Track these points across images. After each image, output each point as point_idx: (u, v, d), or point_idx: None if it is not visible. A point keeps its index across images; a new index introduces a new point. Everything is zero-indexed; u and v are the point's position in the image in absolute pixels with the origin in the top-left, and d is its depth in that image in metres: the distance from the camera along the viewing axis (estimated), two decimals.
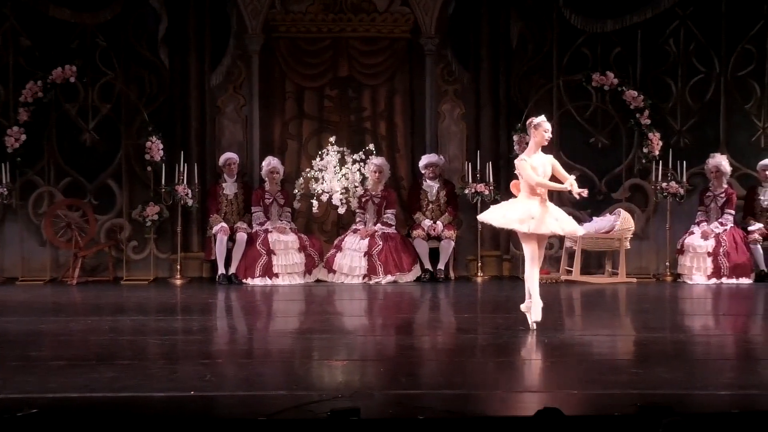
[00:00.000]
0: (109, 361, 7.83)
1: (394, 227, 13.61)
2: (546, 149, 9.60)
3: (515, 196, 9.55)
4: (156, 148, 13.53)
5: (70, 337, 9.21)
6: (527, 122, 9.70)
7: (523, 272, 9.52)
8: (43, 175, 13.96)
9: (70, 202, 13.87)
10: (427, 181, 13.75)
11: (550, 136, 9.47)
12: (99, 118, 13.98)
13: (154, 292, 12.62)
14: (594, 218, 13.66)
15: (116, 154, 14.01)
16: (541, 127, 9.40)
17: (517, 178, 9.50)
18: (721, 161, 13.52)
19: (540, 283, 12.98)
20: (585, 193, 9.32)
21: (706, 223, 13.43)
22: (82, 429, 5.82)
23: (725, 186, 13.55)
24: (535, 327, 9.23)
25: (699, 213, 13.58)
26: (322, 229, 14.23)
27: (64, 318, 10.48)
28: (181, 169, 13.30)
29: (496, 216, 9.50)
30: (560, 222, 9.33)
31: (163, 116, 13.93)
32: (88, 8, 13.82)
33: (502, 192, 13.68)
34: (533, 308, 9.32)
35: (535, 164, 9.31)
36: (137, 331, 9.58)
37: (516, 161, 9.53)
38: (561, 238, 13.70)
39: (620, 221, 13.25)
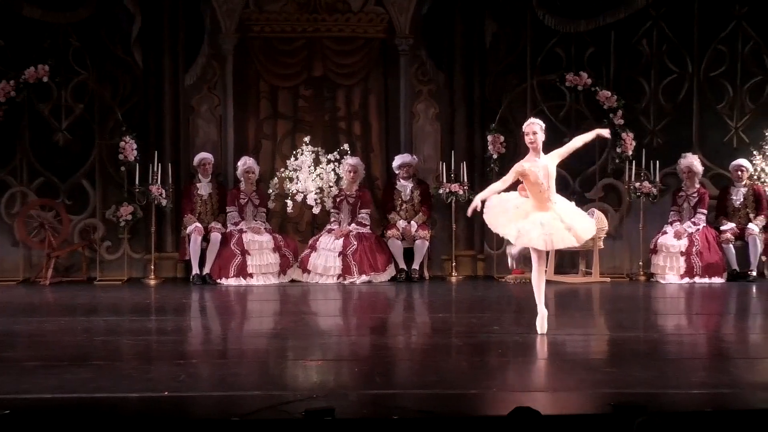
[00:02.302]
0: (83, 362, 7.80)
1: (368, 227, 13.62)
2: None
3: (526, 197, 9.18)
4: (130, 148, 13.48)
5: (44, 337, 9.17)
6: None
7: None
8: (16, 175, 13.89)
9: (43, 202, 13.80)
10: (402, 181, 13.76)
11: (532, 139, 9.06)
12: (72, 117, 13.92)
13: (128, 293, 12.57)
14: None
15: (90, 154, 13.95)
16: (523, 131, 9.11)
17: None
18: (693, 161, 13.59)
19: (514, 282, 13.18)
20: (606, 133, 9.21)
21: (679, 223, 13.50)
22: (56, 430, 5.80)
23: (698, 186, 13.62)
24: (541, 332, 8.99)
25: (672, 213, 13.65)
26: (296, 229, 14.22)
27: (37, 318, 10.43)
28: (155, 169, 13.26)
29: (506, 227, 9.05)
30: (573, 229, 8.95)
31: (136, 116, 13.88)
32: (61, 8, 13.76)
33: (476, 193, 13.74)
34: (538, 319, 9.05)
35: (534, 169, 8.95)
36: (111, 332, 9.54)
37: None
38: None
39: (594, 221, 13.27)
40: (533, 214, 8.98)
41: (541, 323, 9.02)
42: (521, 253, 9.63)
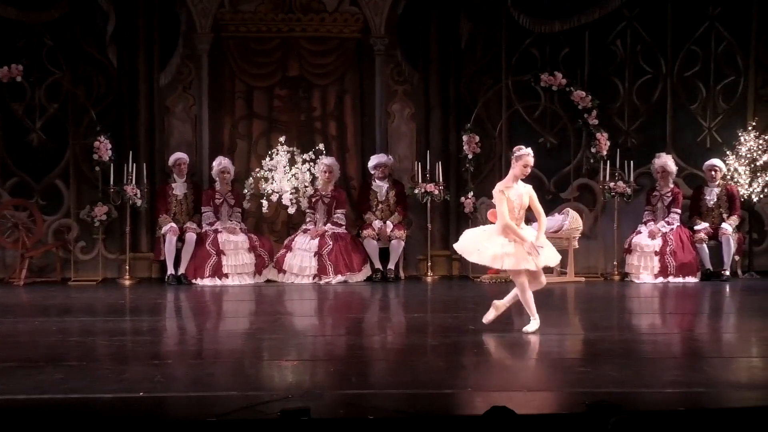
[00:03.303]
0: (57, 363, 7.78)
1: (344, 227, 13.62)
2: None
3: (492, 223, 9.41)
4: (104, 147, 13.44)
5: (18, 338, 9.13)
6: (512, 150, 9.51)
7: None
8: None
9: (17, 202, 13.74)
10: (377, 181, 13.77)
11: (528, 171, 9.31)
12: (46, 117, 13.86)
13: (103, 293, 12.53)
14: None
15: (64, 154, 13.89)
16: (523, 160, 9.22)
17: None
18: (667, 161, 13.65)
19: (489, 282, 13.22)
20: (537, 252, 9.10)
21: (653, 223, 13.56)
22: (31, 431, 5.78)
23: (671, 186, 13.69)
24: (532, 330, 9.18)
25: (646, 212, 13.71)
26: (272, 229, 14.20)
27: (11, 319, 10.37)
28: (130, 169, 13.22)
29: (470, 250, 9.33)
30: (535, 256, 9.08)
31: (111, 116, 13.83)
32: (34, 7, 13.69)
33: (452, 193, 13.79)
34: (532, 325, 9.22)
35: (513, 197, 9.15)
36: (86, 332, 9.51)
37: (494, 191, 9.31)
38: None
39: (569, 221, 13.34)
40: (498, 235, 9.15)
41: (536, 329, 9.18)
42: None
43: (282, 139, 13.69)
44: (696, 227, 13.55)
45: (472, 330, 9.35)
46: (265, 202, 13.45)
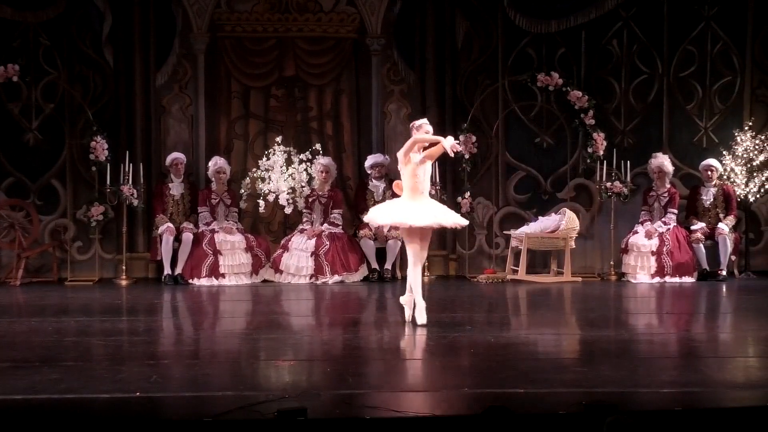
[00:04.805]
0: (53, 363, 7.76)
1: (340, 227, 13.62)
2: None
3: (398, 196, 9.86)
4: (101, 147, 13.43)
5: (14, 338, 9.11)
6: (411, 124, 9.96)
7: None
8: None
9: (13, 202, 13.73)
10: (374, 181, 13.78)
11: (426, 137, 9.64)
12: (42, 117, 13.85)
13: (99, 293, 12.51)
14: (539, 218, 13.77)
15: (60, 154, 13.89)
16: (423, 128, 9.67)
17: (399, 177, 9.69)
18: (664, 161, 13.66)
19: (485, 282, 13.21)
20: (457, 148, 9.59)
21: (649, 223, 13.57)
22: (26, 431, 5.77)
23: (668, 186, 13.70)
24: (421, 323, 9.55)
25: (642, 212, 13.72)
26: (268, 229, 14.20)
27: (7, 319, 10.35)
28: (126, 169, 13.21)
29: (380, 215, 9.83)
30: (438, 217, 9.62)
31: (107, 116, 13.83)
32: (30, 7, 13.69)
33: (449, 193, 13.79)
34: (417, 311, 9.66)
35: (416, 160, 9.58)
36: (82, 332, 9.49)
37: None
38: (507, 238, 13.81)
39: (565, 221, 13.35)
40: (405, 201, 9.68)
41: (421, 314, 9.61)
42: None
43: (278, 139, 13.70)
44: (693, 227, 13.56)
45: (469, 330, 9.35)
46: (261, 202, 13.45)
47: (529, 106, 14.28)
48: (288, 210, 13.54)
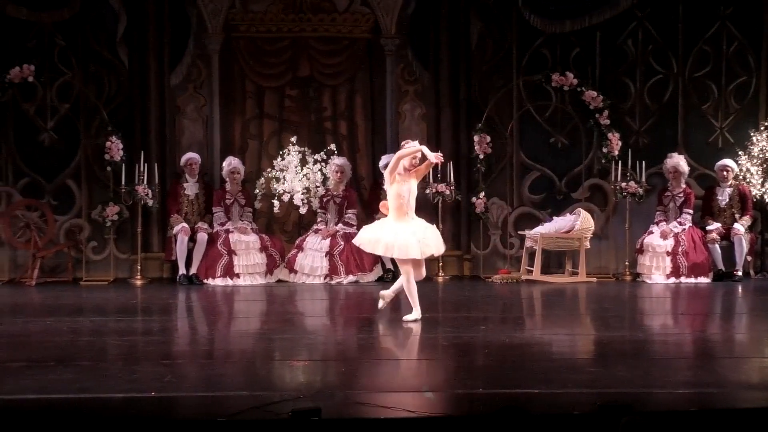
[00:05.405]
0: (67, 363, 7.78)
1: (355, 227, 13.60)
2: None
3: (385, 215, 10.01)
4: (115, 147, 13.46)
5: (29, 338, 9.14)
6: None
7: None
8: (1, 176, 13.85)
9: (29, 202, 13.76)
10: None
11: (416, 164, 9.88)
12: (57, 117, 13.88)
13: (114, 293, 12.54)
14: (554, 218, 13.74)
15: (75, 154, 13.92)
16: (406, 144, 10.02)
17: (386, 198, 9.81)
18: (679, 161, 13.63)
19: (500, 282, 13.22)
20: (440, 158, 9.74)
21: (665, 223, 13.53)
22: (41, 431, 5.78)
23: (683, 186, 13.66)
24: (407, 319, 9.82)
25: (658, 213, 13.68)
26: (283, 230, 14.20)
27: (22, 319, 10.39)
28: (141, 169, 13.23)
29: (368, 241, 9.97)
30: (422, 245, 9.72)
31: (122, 116, 13.85)
32: (46, 7, 13.70)
33: (463, 193, 13.78)
34: (413, 314, 9.86)
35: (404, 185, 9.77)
36: (96, 332, 9.52)
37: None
38: (521, 238, 13.81)
39: (580, 221, 13.32)
40: (391, 225, 9.80)
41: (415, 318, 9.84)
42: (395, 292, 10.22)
43: (293, 139, 13.70)
44: (708, 227, 13.52)
45: (484, 330, 9.34)
46: (276, 202, 13.46)
47: (543, 107, 14.26)
48: (303, 210, 13.54)
